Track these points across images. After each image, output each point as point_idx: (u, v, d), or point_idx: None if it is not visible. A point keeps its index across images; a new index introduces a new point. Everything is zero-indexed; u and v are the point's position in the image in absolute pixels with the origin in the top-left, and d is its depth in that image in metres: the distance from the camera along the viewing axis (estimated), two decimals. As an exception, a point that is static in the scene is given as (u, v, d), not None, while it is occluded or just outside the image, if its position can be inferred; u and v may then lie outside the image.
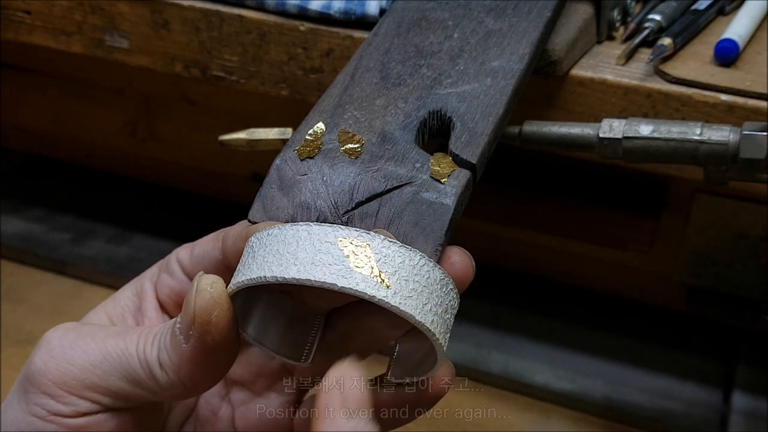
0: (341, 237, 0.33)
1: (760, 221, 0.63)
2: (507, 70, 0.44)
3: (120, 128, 0.83)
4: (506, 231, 0.74)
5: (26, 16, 0.65)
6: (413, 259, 0.34)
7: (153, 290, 0.42)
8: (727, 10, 0.60)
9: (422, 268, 0.34)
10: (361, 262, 0.33)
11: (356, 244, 0.33)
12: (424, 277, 0.34)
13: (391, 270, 0.33)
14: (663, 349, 0.73)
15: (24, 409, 0.37)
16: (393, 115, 0.41)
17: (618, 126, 0.47)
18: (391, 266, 0.33)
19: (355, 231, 0.34)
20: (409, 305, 0.33)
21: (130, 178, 0.89)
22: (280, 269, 0.33)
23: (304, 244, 0.33)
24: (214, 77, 0.62)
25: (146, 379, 0.36)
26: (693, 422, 0.67)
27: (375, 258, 0.33)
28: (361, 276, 0.33)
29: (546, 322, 0.76)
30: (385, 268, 0.33)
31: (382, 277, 0.33)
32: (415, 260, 0.34)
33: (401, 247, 0.34)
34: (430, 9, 0.49)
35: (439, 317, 0.34)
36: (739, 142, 0.45)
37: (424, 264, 0.34)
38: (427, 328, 0.34)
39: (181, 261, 0.41)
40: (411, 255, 0.34)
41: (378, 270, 0.33)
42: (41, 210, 0.88)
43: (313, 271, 0.33)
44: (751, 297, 0.67)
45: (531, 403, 0.69)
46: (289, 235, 0.34)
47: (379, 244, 0.33)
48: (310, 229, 0.34)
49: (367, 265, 0.33)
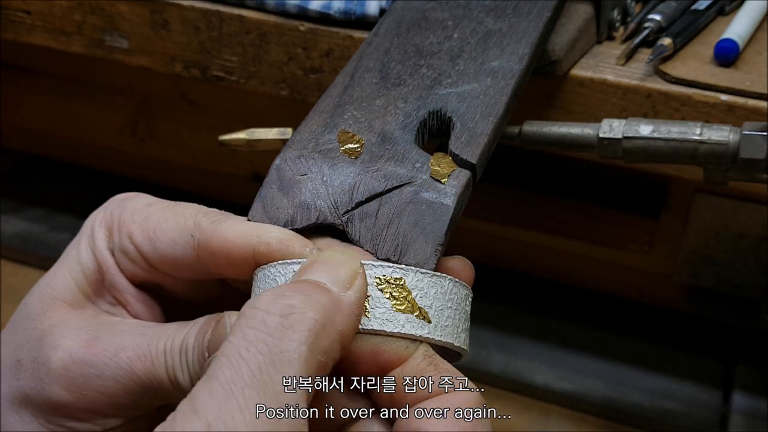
0: (376, 275, 0.34)
1: (760, 221, 0.63)
2: (507, 70, 0.44)
3: (120, 128, 0.83)
4: (506, 231, 0.74)
5: (26, 16, 0.65)
6: (444, 286, 0.35)
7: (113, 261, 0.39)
8: (727, 10, 0.60)
9: (452, 291, 0.35)
10: (401, 302, 0.34)
11: (393, 283, 0.34)
12: (454, 301, 0.35)
13: (428, 303, 0.34)
14: (663, 349, 0.73)
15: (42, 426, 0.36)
16: (393, 115, 0.41)
17: (618, 126, 0.47)
18: (428, 299, 0.34)
19: (389, 267, 0.34)
20: (448, 334, 0.35)
21: (130, 178, 0.88)
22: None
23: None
24: (214, 77, 0.62)
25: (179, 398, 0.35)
26: (693, 422, 0.67)
27: (413, 295, 0.34)
28: (405, 318, 0.34)
29: (546, 322, 0.76)
30: (423, 303, 0.34)
31: (423, 314, 0.34)
32: (446, 286, 0.35)
33: (432, 276, 0.35)
34: (430, 9, 0.49)
35: (466, 332, 0.36)
36: (738, 142, 0.45)
37: (452, 287, 0.35)
38: (463, 349, 0.35)
39: (141, 248, 0.38)
40: (442, 282, 0.35)
41: (419, 307, 0.34)
42: (41, 210, 0.88)
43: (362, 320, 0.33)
44: (751, 297, 0.67)
45: (531, 403, 0.69)
46: None
47: (414, 278, 0.34)
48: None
49: (408, 305, 0.34)
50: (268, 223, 0.37)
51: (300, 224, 0.37)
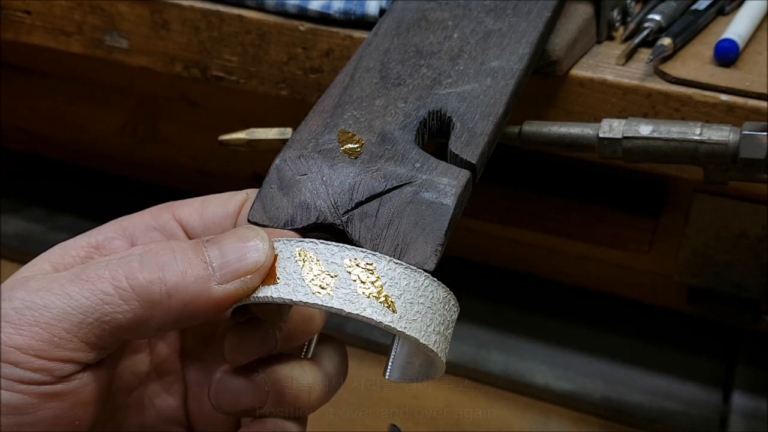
0: (348, 258, 0.34)
1: (760, 221, 0.63)
2: (507, 70, 0.44)
3: (120, 128, 0.83)
4: (506, 231, 0.74)
5: (26, 16, 0.65)
6: (418, 280, 0.34)
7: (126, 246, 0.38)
8: (727, 10, 0.60)
9: (427, 288, 0.34)
10: (368, 286, 0.33)
11: (363, 267, 0.33)
12: (428, 298, 0.34)
13: (397, 293, 0.34)
14: (663, 349, 0.73)
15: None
16: (393, 115, 0.41)
17: (618, 126, 0.47)
18: (397, 289, 0.34)
19: (361, 252, 0.34)
20: (414, 328, 0.34)
21: (130, 178, 0.89)
22: (288, 290, 0.33)
23: (310, 264, 0.33)
24: (214, 77, 0.62)
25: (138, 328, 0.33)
26: (693, 422, 0.67)
27: (381, 281, 0.33)
28: (368, 302, 0.33)
29: (546, 322, 0.76)
30: (391, 291, 0.33)
31: (388, 302, 0.33)
32: (420, 281, 0.34)
33: (407, 268, 0.34)
34: (430, 9, 0.49)
35: (441, 335, 0.35)
36: (738, 142, 0.45)
37: (428, 284, 0.35)
38: (430, 349, 0.34)
39: (185, 223, 0.39)
40: (416, 276, 0.34)
41: (384, 294, 0.33)
42: (41, 210, 0.88)
43: (321, 296, 0.33)
44: (751, 297, 0.67)
45: (531, 403, 0.69)
46: (294, 252, 0.34)
47: (385, 266, 0.34)
48: (316, 248, 0.34)
49: (374, 289, 0.33)
50: (267, 223, 0.37)
51: (300, 224, 0.37)
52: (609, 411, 0.68)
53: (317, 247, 0.34)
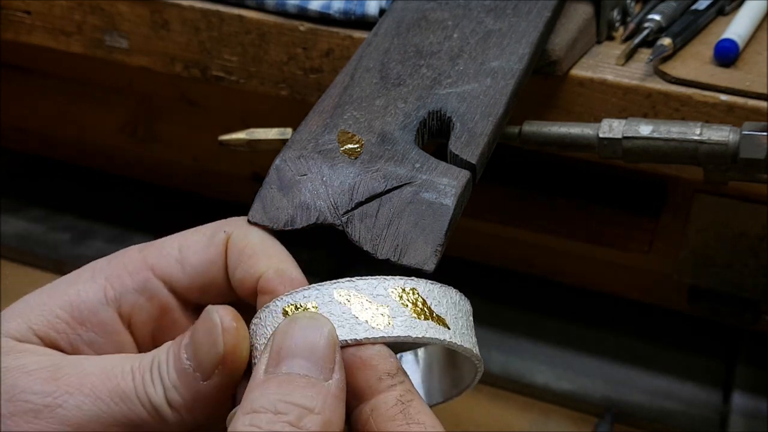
0: (391, 287, 0.34)
1: (760, 221, 0.63)
2: (507, 70, 0.44)
3: (120, 128, 0.83)
4: (506, 231, 0.74)
5: (26, 16, 0.65)
6: (453, 297, 0.35)
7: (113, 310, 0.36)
8: (727, 10, 0.60)
9: (459, 302, 0.35)
10: (419, 309, 0.34)
11: (408, 292, 0.34)
12: (463, 312, 0.36)
13: (443, 310, 0.34)
14: (663, 349, 0.73)
15: None
16: (393, 116, 0.41)
17: (618, 126, 0.47)
18: (442, 307, 0.34)
19: (400, 279, 0.34)
20: (466, 341, 0.35)
21: (130, 178, 0.89)
22: (345, 332, 0.33)
23: (357, 301, 0.33)
24: (214, 77, 0.62)
25: (153, 423, 0.33)
26: (693, 422, 0.67)
27: (428, 302, 0.34)
28: (426, 324, 0.34)
29: (546, 322, 0.76)
30: (438, 310, 0.34)
31: (441, 320, 0.34)
32: (453, 296, 0.35)
33: (441, 286, 0.35)
34: (430, 9, 0.49)
35: (477, 346, 0.36)
36: (738, 142, 0.45)
37: (459, 299, 0.36)
38: (478, 356, 0.35)
39: (168, 279, 0.37)
40: (450, 293, 0.35)
41: (435, 314, 0.34)
42: (41, 210, 0.88)
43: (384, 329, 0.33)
44: (751, 297, 0.67)
45: (531, 403, 0.69)
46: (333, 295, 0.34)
47: (425, 287, 0.34)
48: (355, 284, 0.34)
49: (426, 311, 0.34)
50: (267, 223, 0.37)
51: (300, 224, 0.37)
52: (609, 411, 0.68)
53: (356, 284, 0.34)
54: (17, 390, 0.33)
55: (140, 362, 0.34)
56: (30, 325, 0.36)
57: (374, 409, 0.32)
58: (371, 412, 0.32)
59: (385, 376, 0.32)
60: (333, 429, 0.31)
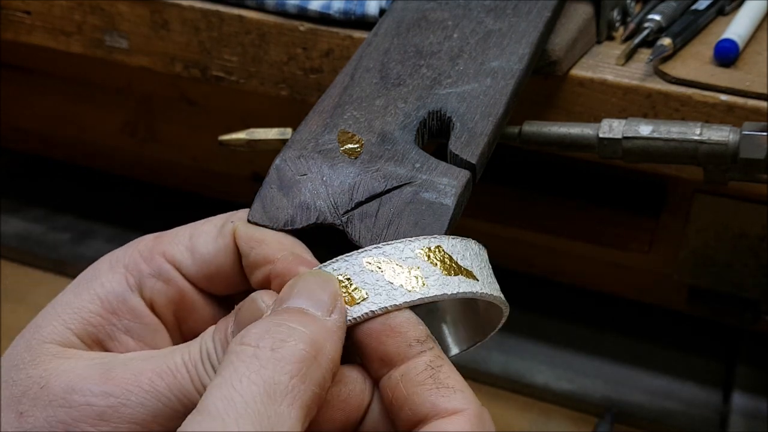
0: (418, 248, 0.34)
1: (760, 221, 0.63)
2: (507, 70, 0.44)
3: (120, 128, 0.83)
4: (506, 231, 0.74)
5: (26, 16, 0.65)
6: (473, 248, 0.36)
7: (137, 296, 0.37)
8: (727, 10, 0.60)
9: (479, 252, 0.36)
10: (447, 265, 0.34)
11: (433, 251, 0.35)
12: (484, 260, 0.37)
13: (468, 263, 0.35)
14: (663, 349, 0.73)
15: None
16: (393, 116, 0.41)
17: (618, 126, 0.47)
18: (466, 259, 0.35)
19: (425, 239, 0.35)
20: (494, 289, 0.36)
21: (130, 178, 0.89)
22: (383, 299, 0.33)
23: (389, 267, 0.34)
24: (214, 77, 0.62)
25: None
26: (693, 422, 0.67)
27: (455, 258, 0.35)
28: (457, 279, 0.34)
29: (546, 322, 0.76)
30: (465, 263, 0.35)
31: (469, 273, 0.35)
32: (475, 248, 0.36)
33: (462, 239, 0.36)
34: (430, 9, 0.49)
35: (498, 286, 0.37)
36: (738, 142, 0.45)
37: (479, 249, 0.37)
38: (503, 301, 0.36)
39: (179, 265, 0.37)
40: (471, 245, 0.36)
41: (463, 268, 0.35)
42: (41, 210, 0.88)
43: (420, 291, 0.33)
44: (751, 297, 0.67)
45: (531, 403, 0.69)
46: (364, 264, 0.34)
47: (449, 243, 0.35)
48: (382, 251, 0.34)
49: (454, 266, 0.35)
50: (267, 223, 0.37)
51: (299, 224, 0.37)
52: (609, 411, 0.68)
53: (383, 249, 0.34)
54: (76, 395, 0.33)
55: (189, 354, 0.34)
56: (67, 326, 0.35)
57: (404, 375, 0.32)
58: (401, 377, 0.32)
59: (414, 342, 0.33)
60: (323, 354, 0.31)
